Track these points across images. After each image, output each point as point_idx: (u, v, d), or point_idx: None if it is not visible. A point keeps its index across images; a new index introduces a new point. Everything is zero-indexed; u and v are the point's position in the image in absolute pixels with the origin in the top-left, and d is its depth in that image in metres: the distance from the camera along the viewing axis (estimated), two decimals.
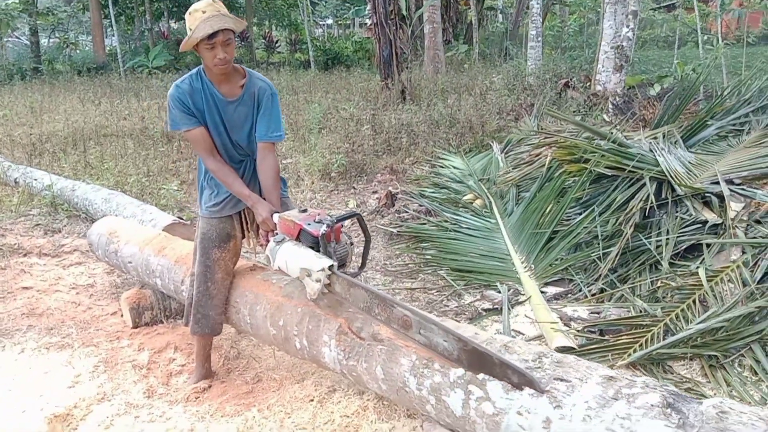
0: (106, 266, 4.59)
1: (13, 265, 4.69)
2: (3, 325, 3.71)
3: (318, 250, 2.40)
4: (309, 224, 2.42)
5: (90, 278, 4.50)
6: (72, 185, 5.89)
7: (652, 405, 1.67)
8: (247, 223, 2.93)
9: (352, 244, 2.54)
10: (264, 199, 2.69)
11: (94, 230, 4.15)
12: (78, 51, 26.38)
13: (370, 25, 10.95)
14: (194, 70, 2.67)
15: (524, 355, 2.01)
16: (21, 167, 6.92)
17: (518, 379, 1.86)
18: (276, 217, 2.57)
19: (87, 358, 3.28)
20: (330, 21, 37.56)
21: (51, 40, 28.62)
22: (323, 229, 2.38)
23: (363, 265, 2.66)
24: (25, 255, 4.95)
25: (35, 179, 6.31)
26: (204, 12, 2.45)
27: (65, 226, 5.61)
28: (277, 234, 2.54)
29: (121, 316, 3.82)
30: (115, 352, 3.35)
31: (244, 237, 2.96)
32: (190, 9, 2.50)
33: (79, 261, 4.87)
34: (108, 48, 24.38)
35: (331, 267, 2.36)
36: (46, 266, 4.76)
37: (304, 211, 2.53)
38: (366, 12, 23.93)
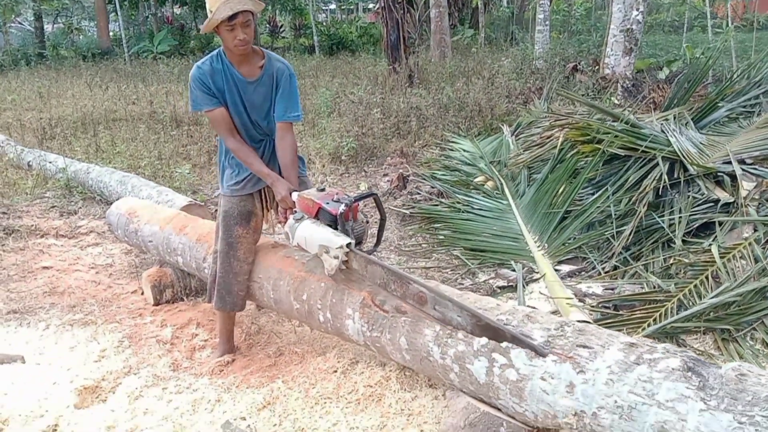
0: (123, 246, 4.67)
1: (31, 246, 4.76)
2: (26, 303, 3.79)
3: (336, 228, 2.47)
4: (327, 203, 2.50)
5: (108, 258, 4.58)
6: (86, 168, 5.95)
7: (673, 369, 1.74)
8: (267, 201, 3.00)
9: (367, 222, 2.62)
10: (283, 177, 2.75)
11: (114, 211, 4.22)
12: (82, 37, 26.35)
13: (378, 8, 10.92)
14: (214, 52, 2.73)
15: (546, 325, 2.08)
16: (34, 151, 6.99)
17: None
18: (295, 195, 2.64)
19: (111, 333, 3.35)
20: (333, 6, 37.36)
21: (55, 26, 28.57)
22: (342, 208, 2.46)
23: (378, 243, 2.74)
24: (42, 236, 5.03)
25: (49, 162, 6.37)
26: None
27: (80, 208, 5.68)
28: (296, 212, 2.61)
29: (142, 294, 3.90)
30: (138, 328, 3.43)
31: (264, 215, 3.02)
32: None
33: (96, 242, 4.94)
34: (112, 33, 24.36)
35: (349, 245, 2.43)
36: (64, 247, 4.83)
37: (323, 190, 2.59)
38: None
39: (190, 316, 3.53)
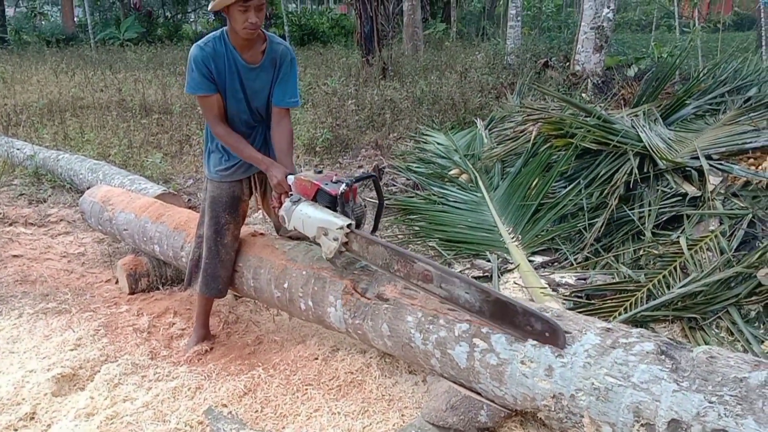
0: (95, 235, 4.61)
1: (0, 234, 4.67)
2: None
3: (335, 210, 2.44)
4: (326, 184, 2.46)
5: (80, 247, 4.51)
6: (56, 155, 5.84)
7: (647, 352, 1.81)
8: (254, 186, 2.98)
9: (364, 206, 2.59)
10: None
11: (87, 198, 4.17)
12: (45, 22, 25.67)
13: (351, 0, 10.90)
14: (217, 33, 2.63)
15: None
16: (0, 137, 6.82)
17: (541, 327, 1.93)
18: (291, 178, 2.60)
19: (86, 322, 3.31)
20: None
21: (17, 10, 27.76)
22: (342, 188, 2.42)
23: (375, 227, 2.70)
24: (11, 224, 4.93)
25: (17, 149, 6.23)
26: None
27: (50, 196, 5.58)
28: (291, 195, 2.58)
29: (116, 283, 3.87)
30: (114, 317, 3.40)
31: (250, 200, 3.01)
32: None
33: (67, 230, 4.87)
34: (77, 19, 23.78)
35: (349, 226, 2.40)
36: (34, 235, 4.75)
37: (320, 172, 2.56)
38: None
39: (167, 305, 3.52)
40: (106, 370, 2.80)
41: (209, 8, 2.58)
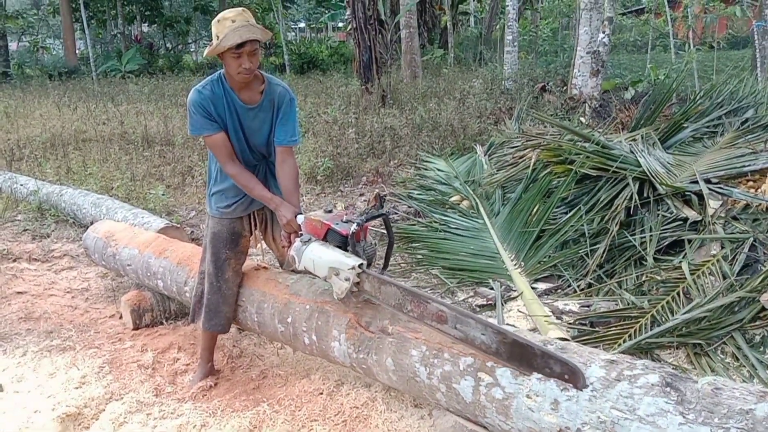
0: (98, 270, 4.62)
1: (3, 271, 4.68)
2: (1, 329, 3.72)
3: (346, 250, 2.43)
4: (337, 224, 2.45)
5: (84, 282, 4.53)
6: (59, 190, 5.88)
7: (652, 384, 1.81)
8: (255, 223, 3.00)
9: (375, 244, 2.58)
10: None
11: (90, 234, 4.19)
12: (48, 55, 26.02)
13: (350, 29, 11.04)
14: (214, 76, 2.69)
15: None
16: (4, 172, 6.88)
17: (561, 369, 1.91)
18: (300, 217, 2.61)
19: (91, 359, 3.31)
20: (302, 24, 37.55)
21: (20, 44, 28.14)
22: (353, 228, 2.40)
23: (386, 265, 2.67)
24: (14, 260, 4.95)
25: (20, 185, 6.27)
26: (234, 21, 2.48)
27: (53, 231, 5.60)
28: (302, 234, 2.57)
29: (120, 318, 3.87)
30: (118, 353, 3.40)
31: (251, 237, 3.03)
32: (219, 17, 2.54)
33: (71, 265, 4.88)
34: (79, 52, 24.10)
35: (361, 266, 2.38)
36: (38, 271, 4.76)
37: (330, 211, 2.56)
38: (343, 17, 24.03)
39: (171, 340, 3.52)
40: (111, 408, 2.80)
41: (203, 55, 2.65)
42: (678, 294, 3.21)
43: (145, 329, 3.71)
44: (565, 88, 9.31)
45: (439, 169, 6.31)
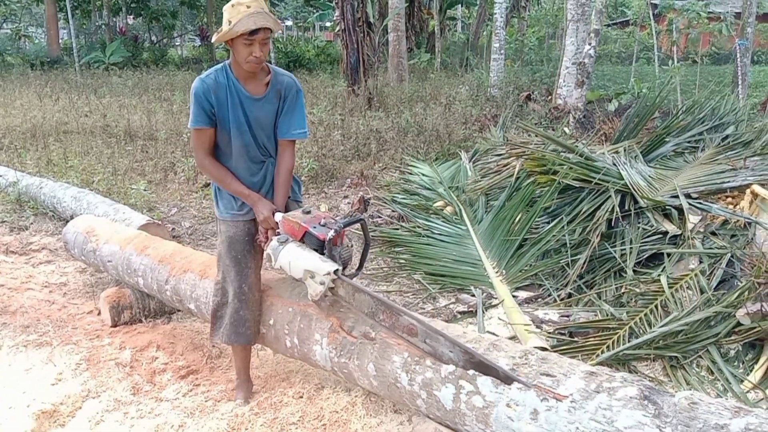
0: (77, 264, 4.57)
1: None
2: None
3: (322, 253, 2.43)
4: (315, 227, 2.44)
5: (62, 277, 4.47)
6: (39, 182, 5.80)
7: (630, 397, 1.84)
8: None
9: (351, 246, 2.59)
10: (273, 194, 2.69)
11: (71, 228, 4.14)
12: (30, 44, 25.62)
13: (338, 30, 11.03)
14: (219, 65, 2.60)
15: (511, 353, 2.16)
16: None
17: None
18: (279, 216, 2.58)
19: (68, 355, 3.28)
20: (289, 23, 37.40)
21: (1, 32, 27.69)
22: (331, 233, 2.40)
23: (360, 267, 2.70)
24: None
25: (0, 175, 6.17)
26: (249, 7, 2.39)
27: (32, 223, 5.53)
28: (279, 233, 2.56)
29: (98, 314, 3.83)
30: (96, 351, 3.36)
31: None
32: (233, 1, 2.43)
33: (49, 259, 4.82)
34: (62, 42, 23.76)
35: (336, 271, 2.38)
36: (15, 264, 4.69)
37: (308, 212, 2.53)
38: (331, 17, 23.99)
39: (150, 339, 3.48)
40: (87, 406, 2.77)
41: (213, 40, 2.55)
42: (656, 307, 3.26)
43: (123, 326, 3.67)
44: (549, 97, 9.40)
45: (423, 174, 6.33)
